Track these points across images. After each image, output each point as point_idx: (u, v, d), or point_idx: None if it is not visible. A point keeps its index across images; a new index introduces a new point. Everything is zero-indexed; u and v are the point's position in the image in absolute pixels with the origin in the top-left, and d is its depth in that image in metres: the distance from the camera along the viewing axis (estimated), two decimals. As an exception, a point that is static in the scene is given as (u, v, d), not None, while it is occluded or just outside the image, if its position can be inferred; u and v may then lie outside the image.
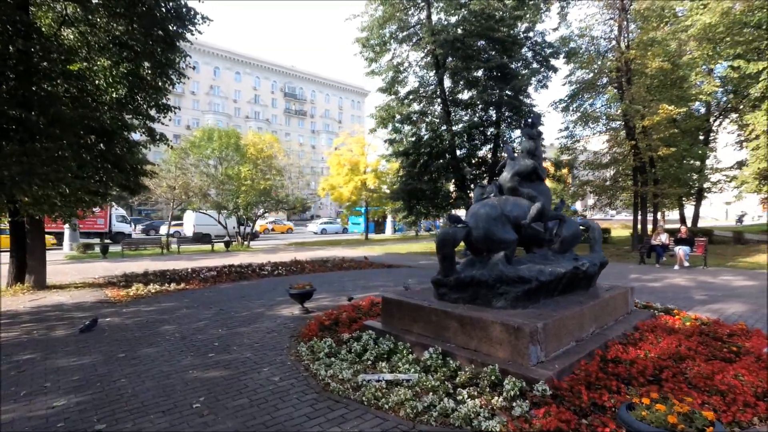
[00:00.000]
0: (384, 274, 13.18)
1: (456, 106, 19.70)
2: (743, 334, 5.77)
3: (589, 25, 22.41)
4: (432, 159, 19.48)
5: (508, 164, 5.98)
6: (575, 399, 3.87)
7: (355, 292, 9.96)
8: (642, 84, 19.28)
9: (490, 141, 20.46)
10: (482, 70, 18.05)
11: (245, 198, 23.24)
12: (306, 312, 7.82)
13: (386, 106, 19.89)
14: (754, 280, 10.95)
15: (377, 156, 32.12)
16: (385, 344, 5.47)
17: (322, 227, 42.79)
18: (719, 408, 3.63)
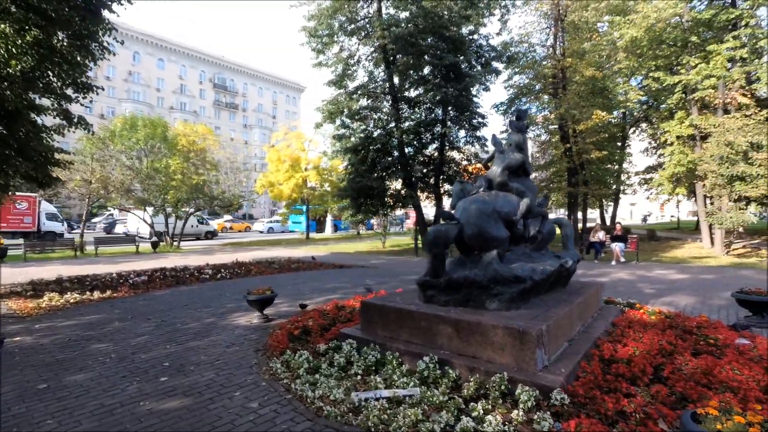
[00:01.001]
0: (337, 275, 12.52)
1: (405, 103, 19.51)
2: (709, 326, 6.01)
3: (527, 33, 23.47)
4: (381, 156, 19.09)
5: (496, 157, 5.71)
6: (597, 406, 3.62)
7: (312, 296, 9.25)
8: (576, 90, 20.52)
9: (437, 139, 20.57)
10: (434, 68, 18.00)
11: (175, 194, 21.15)
12: (266, 320, 6.99)
13: (334, 100, 19.14)
14: (684, 273, 11.93)
15: (319, 153, 31.17)
16: (371, 354, 4.92)
17: (269, 226, 41.47)
18: (738, 406, 3.57)
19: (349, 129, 20.02)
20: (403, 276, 12.15)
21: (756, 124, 15.70)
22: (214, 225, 36.45)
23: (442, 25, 16.67)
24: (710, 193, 16.85)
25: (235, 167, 25.22)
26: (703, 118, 18.86)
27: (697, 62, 18.79)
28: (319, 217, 39.54)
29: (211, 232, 33.46)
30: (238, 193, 25.24)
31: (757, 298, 6.24)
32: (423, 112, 20.18)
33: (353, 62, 19.14)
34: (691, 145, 19.89)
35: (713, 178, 15.88)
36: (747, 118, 16.15)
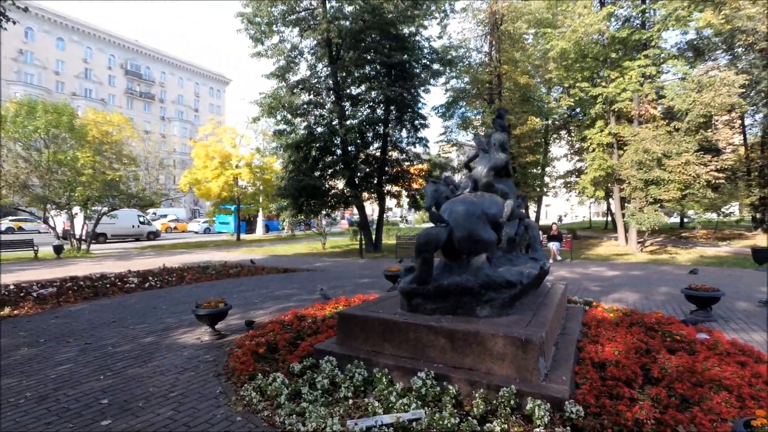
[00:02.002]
0: (284, 281, 11.67)
1: (349, 100, 18.96)
2: (666, 322, 6.33)
3: (466, 39, 24.15)
4: (324, 154, 18.36)
5: (481, 157, 5.48)
6: (614, 416, 3.48)
7: (264, 305, 8.44)
8: (510, 97, 21.49)
9: (380, 139, 20.32)
10: (380, 66, 17.67)
11: (84, 191, 18.51)
12: (219, 336, 6.12)
13: (274, 93, 18.01)
14: (615, 270, 12.87)
15: (251, 149, 29.44)
16: (357, 373, 4.41)
17: (206, 226, 38.68)
18: (736, 405, 3.64)
19: (291, 125, 19.00)
20: (356, 279, 11.65)
21: (665, 135, 17.53)
22: (156, 225, 34.37)
23: (389, 22, 16.42)
24: (630, 196, 18.51)
25: (156, 162, 22.76)
26: (621, 127, 20.75)
27: (615, 76, 20.59)
28: (250, 218, 37.45)
29: (154, 232, 31.05)
30: (160, 191, 22.83)
31: (704, 293, 6.73)
32: (366, 110, 19.79)
33: (295, 54, 18.17)
34: (610, 152, 21.80)
35: (634, 182, 17.46)
36: (658, 128, 17.98)
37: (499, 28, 22.33)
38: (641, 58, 20.85)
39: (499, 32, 22.49)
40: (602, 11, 20.77)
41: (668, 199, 16.63)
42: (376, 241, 19.75)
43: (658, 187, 16.89)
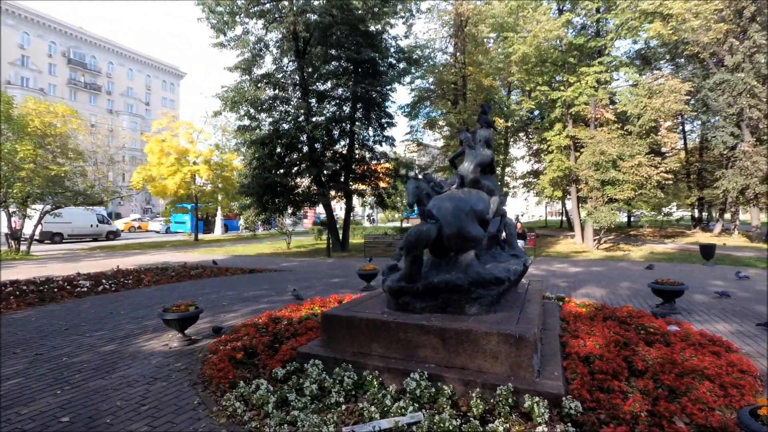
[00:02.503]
0: (251, 282, 11.20)
1: (315, 96, 18.51)
2: (637, 315, 6.57)
3: (431, 39, 24.35)
4: (290, 151, 17.85)
5: (467, 153, 5.42)
6: (612, 410, 3.50)
7: (233, 307, 8.03)
8: (475, 99, 21.88)
9: (346, 136, 20.04)
10: (350, 62, 17.38)
11: (23, 187, 16.94)
12: (189, 342, 5.71)
13: (237, 87, 17.27)
14: (577, 267, 13.37)
15: (210, 145, 28.25)
16: (346, 376, 4.22)
17: (168, 226, 37.04)
18: (720, 393, 3.77)
19: (255, 120, 18.32)
20: (326, 279, 11.37)
21: (619, 138, 18.47)
22: (117, 224, 32.80)
23: (358, 18, 16.19)
24: (588, 195, 19.34)
25: (106, 158, 21.20)
26: (578, 130, 21.67)
27: (573, 80, 21.46)
28: (208, 217, 35.93)
29: (113, 232, 29.26)
30: (111, 188, 21.32)
31: (670, 287, 7.06)
32: (333, 107, 19.46)
33: (261, 47, 17.50)
34: (567, 153, 22.71)
35: (591, 182, 18.26)
36: (613, 132, 18.92)
37: (464, 30, 22.67)
38: (596, 65, 21.87)
39: (463, 34, 22.83)
40: (561, 18, 21.58)
41: (623, 198, 17.52)
42: (344, 241, 19.48)
43: (614, 187, 17.77)
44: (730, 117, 21.45)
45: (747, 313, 6.94)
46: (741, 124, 21.48)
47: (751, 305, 7.50)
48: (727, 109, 21.17)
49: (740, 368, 4.36)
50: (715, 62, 22.19)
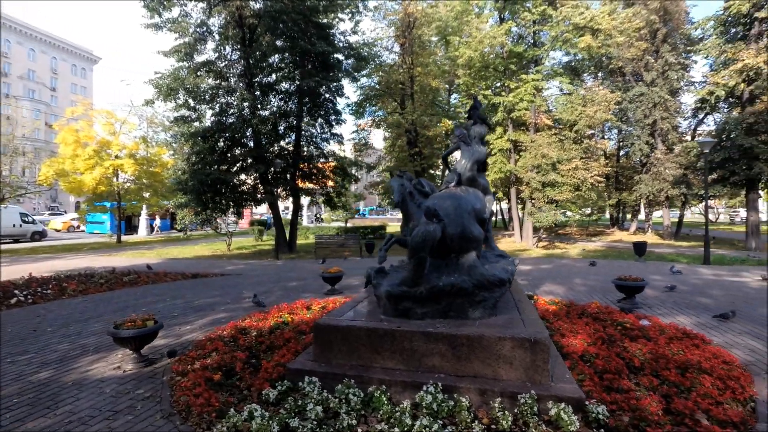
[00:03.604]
0: (199, 288, 10.15)
1: (261, 88, 17.39)
2: (608, 312, 6.82)
3: (379, 37, 24.17)
4: (233, 146, 16.62)
5: (463, 150, 5.19)
6: (638, 412, 3.45)
7: (185, 318, 7.17)
8: (423, 100, 22.07)
9: (293, 132, 19.15)
10: (304, 53, 16.51)
11: None
12: (147, 363, 4.88)
13: (174, 74, 15.68)
14: (526, 265, 13.88)
15: (135, 138, 25.62)
16: (351, 393, 3.79)
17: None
18: (722, 387, 3.90)
19: (195, 111, 16.79)
20: (283, 283, 10.64)
21: (557, 142, 19.62)
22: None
23: (312, 8, 15.44)
24: (530, 196, 20.31)
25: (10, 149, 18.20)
26: (519, 134, 22.72)
27: (514, 86, 22.46)
28: (132, 216, 32.60)
29: (39, 232, 25.76)
30: (17, 183, 18.38)
31: (633, 283, 7.44)
32: (279, 101, 18.49)
33: (203, 32, 16.03)
34: (508, 156, 23.74)
35: (534, 184, 19.19)
36: (552, 136, 20.06)
37: (412, 31, 22.79)
38: (534, 73, 23.10)
39: (411, 35, 22.94)
40: (503, 26, 22.51)
41: (563, 199, 18.63)
42: (291, 241, 18.60)
43: (554, 189, 18.82)
44: (646, 127, 23.76)
45: (697, 305, 7.53)
46: (654, 134, 23.89)
47: (695, 297, 8.17)
48: (643, 119, 23.44)
49: (723, 359, 4.61)
50: (634, 77, 24.44)
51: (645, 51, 22.81)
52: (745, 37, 17.76)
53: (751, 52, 16.65)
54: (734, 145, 16.49)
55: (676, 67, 23.32)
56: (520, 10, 22.80)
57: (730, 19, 17.90)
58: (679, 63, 23.70)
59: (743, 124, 16.66)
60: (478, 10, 25.49)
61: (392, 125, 21.05)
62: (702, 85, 24.59)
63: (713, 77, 17.83)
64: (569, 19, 21.12)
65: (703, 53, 19.59)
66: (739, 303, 7.52)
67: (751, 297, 8.18)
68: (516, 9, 23.03)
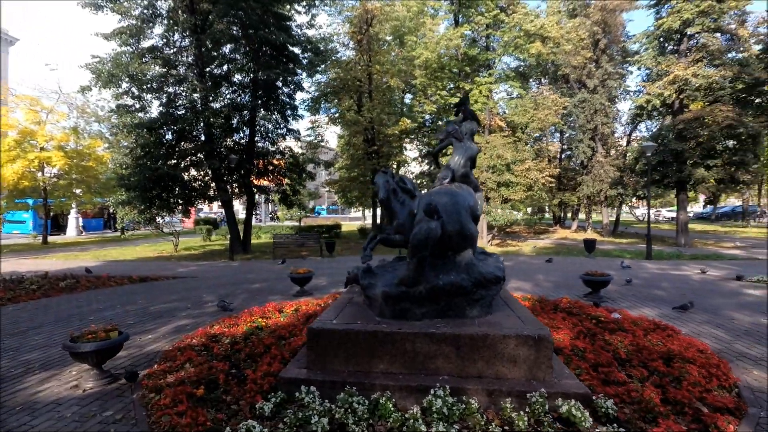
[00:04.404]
0: (150, 293, 9.30)
1: (213, 79, 16.32)
2: (579, 306, 7.06)
3: (336, 33, 23.75)
4: (183, 139, 15.50)
5: (456, 147, 5.09)
6: (643, 404, 3.52)
7: (146, 327, 6.52)
8: (381, 99, 21.98)
9: (246, 126, 18.26)
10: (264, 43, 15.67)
11: None
12: (111, 379, 4.31)
13: (115, 59, 14.28)
14: (488, 262, 14.20)
15: (65, 128, 23.23)
16: (355, 402, 3.56)
17: None
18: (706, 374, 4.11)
19: (139, 100, 15.41)
20: (245, 285, 10.04)
21: (511, 144, 20.35)
22: None
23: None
24: (486, 196, 20.86)
25: None
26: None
27: (469, 88, 23.00)
28: (56, 215, 29.54)
29: None
30: None
31: (599, 278, 7.78)
32: (234, 93, 17.53)
33: (150, 14, 14.71)
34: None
35: (490, 184, 19.73)
36: (505, 138, 20.76)
37: (369, 28, 22.57)
38: (487, 76, 23.81)
39: (368, 33, 22.71)
40: (459, 29, 22.98)
41: (517, 199, 19.34)
42: (245, 241, 17.71)
43: (508, 189, 19.49)
44: (588, 131, 25.32)
45: (654, 297, 8.03)
46: (595, 138, 25.53)
47: (650, 290, 8.73)
48: (586, 124, 24.96)
49: (697, 348, 4.89)
50: (577, 84, 25.94)
51: (588, 60, 24.26)
52: (676, 51, 19.43)
53: (682, 65, 18.24)
54: (667, 150, 17.97)
55: (614, 77, 25.07)
56: (474, 14, 23.43)
57: (663, 35, 19.47)
58: (617, 72, 25.51)
59: (675, 131, 18.21)
60: (433, 11, 25.88)
61: (350, 123, 20.72)
62: (636, 93, 26.69)
63: (650, 87, 19.32)
64: (521, 26, 21.99)
65: (640, 65, 21.17)
66: (689, 295, 8.12)
67: (697, 289, 8.89)
68: (470, 13, 23.62)
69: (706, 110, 17.70)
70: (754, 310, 6.86)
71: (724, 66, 17.70)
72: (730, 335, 5.56)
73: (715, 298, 7.84)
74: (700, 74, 17.68)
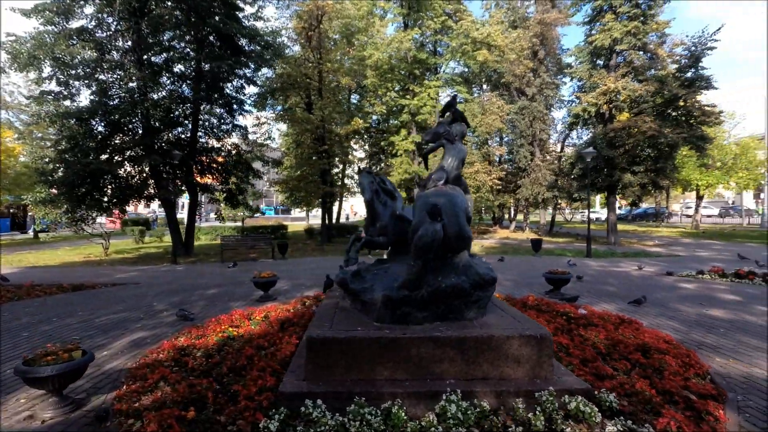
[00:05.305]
0: (89, 302, 8.32)
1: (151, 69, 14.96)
2: (545, 303, 7.37)
3: (285, 27, 23.00)
4: (117, 131, 14.08)
5: (448, 148, 5.04)
6: (640, 396, 3.70)
7: (96, 341, 5.85)
8: (333, 97, 21.63)
9: (188, 120, 17.06)
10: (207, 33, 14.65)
11: None
12: (73, 406, 3.74)
13: (37, 38, 12.57)
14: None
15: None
16: (367, 413, 3.40)
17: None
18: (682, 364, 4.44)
19: (68, 87, 13.69)
20: (200, 291, 9.32)
21: (461, 146, 20.97)
22: None
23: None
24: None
25: None
26: (422, 137, 23.72)
27: (418, 90, 23.40)
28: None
29: None
30: None
31: (561, 276, 8.21)
32: (175, 83, 16.28)
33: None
34: (412, 158, 24.64)
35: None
36: (455, 141, 21.34)
37: (320, 25, 22.09)
38: (435, 80, 24.39)
39: (319, 29, 22.22)
40: (409, 32, 23.30)
41: (467, 200, 19.92)
42: (188, 243, 16.50)
43: (458, 190, 20.02)
44: (528, 137, 26.83)
45: (607, 292, 8.63)
46: (534, 143, 27.12)
47: (601, 286, 9.38)
48: (526, 130, 26.42)
49: (664, 339, 5.30)
50: (518, 92, 27.39)
51: (528, 69, 25.70)
52: (606, 66, 21.20)
53: (611, 79, 19.93)
54: (600, 156, 19.53)
55: (551, 86, 26.81)
56: (424, 18, 23.90)
57: (595, 50, 21.16)
58: (553, 83, 27.30)
59: (606, 139, 19.85)
60: (382, 12, 26.01)
61: (301, 121, 20.12)
62: (569, 103, 28.75)
63: (584, 97, 20.88)
64: (468, 33, 22.78)
65: (575, 76, 22.82)
66: (636, 289, 8.84)
67: (639, 284, 9.70)
68: (420, 17, 24.06)
69: (632, 121, 19.49)
70: (694, 302, 7.61)
71: (647, 81, 19.62)
72: (685, 326, 6.10)
73: (658, 292, 8.60)
74: (628, 87, 19.44)
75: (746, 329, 5.87)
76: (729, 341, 5.39)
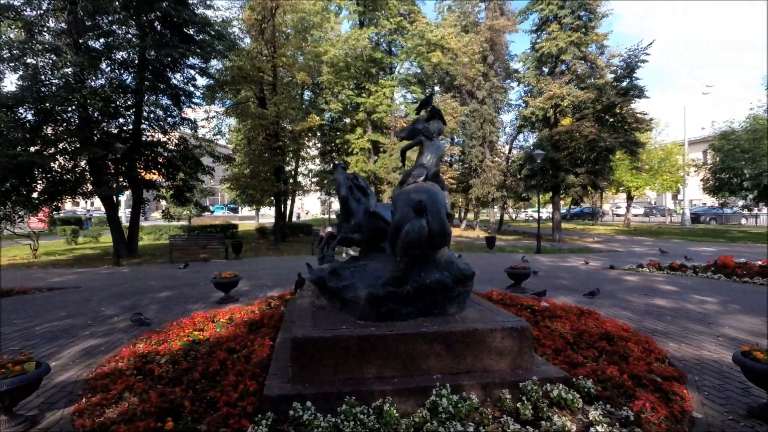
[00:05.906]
0: (24, 308, 7.50)
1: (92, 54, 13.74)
2: (509, 298, 7.64)
3: (236, 17, 22.11)
4: (49, 121, 12.79)
5: (427, 145, 5.03)
6: (613, 380, 3.92)
7: (41, 351, 5.28)
8: (288, 92, 21.10)
9: (131, 111, 15.88)
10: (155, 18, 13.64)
11: None
12: (29, 424, 3.34)
13: (-48, 13, 11.08)
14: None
15: None
16: (358, 413, 3.34)
17: None
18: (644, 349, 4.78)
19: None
20: (152, 294, 8.69)
21: (417, 146, 21.26)
22: None
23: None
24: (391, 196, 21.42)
25: None
26: (378, 135, 23.79)
27: (374, 89, 23.41)
28: None
29: None
30: None
31: (522, 271, 8.56)
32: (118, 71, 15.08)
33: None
34: (368, 156, 24.64)
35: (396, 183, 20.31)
36: (410, 140, 21.61)
37: (274, 17, 21.44)
38: (390, 79, 24.55)
39: (273, 22, 21.55)
40: (365, 30, 23.24)
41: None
42: (131, 243, 15.35)
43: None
44: (479, 138, 27.74)
45: (561, 286, 9.12)
46: (485, 145, 28.10)
47: (555, 280, 9.89)
48: (477, 132, 27.31)
49: (623, 328, 5.68)
50: (469, 95, 28.23)
51: (479, 73, 26.58)
52: (552, 73, 22.42)
53: (557, 85, 21.11)
54: (546, 158, 20.63)
55: (500, 90, 27.92)
56: (380, 17, 23.95)
57: (541, 58, 22.31)
58: (502, 87, 28.44)
59: (551, 141, 21.00)
60: (337, 8, 25.73)
61: (255, 116, 19.38)
62: (516, 107, 30.08)
63: (532, 102, 21.95)
64: (423, 34, 23.13)
65: (524, 81, 23.93)
66: (586, 282, 9.41)
67: (588, 278, 10.35)
68: (376, 16, 24.08)
69: (574, 125, 20.77)
70: (640, 293, 8.25)
71: (588, 89, 20.99)
72: (637, 315, 6.59)
73: (606, 284, 9.23)
74: (572, 94, 20.69)
75: (689, 316, 6.44)
76: (677, 327, 5.89)
